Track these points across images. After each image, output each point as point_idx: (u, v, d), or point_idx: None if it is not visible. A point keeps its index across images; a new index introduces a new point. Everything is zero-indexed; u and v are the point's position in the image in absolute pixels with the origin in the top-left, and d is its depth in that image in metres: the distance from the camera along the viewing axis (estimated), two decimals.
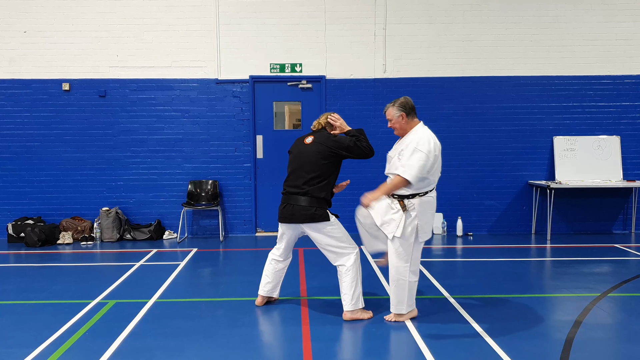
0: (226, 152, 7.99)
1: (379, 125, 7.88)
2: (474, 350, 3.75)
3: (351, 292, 4.25)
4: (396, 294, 4.22)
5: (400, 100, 4.20)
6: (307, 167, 4.27)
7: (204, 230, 8.08)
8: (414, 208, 4.07)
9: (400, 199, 4.10)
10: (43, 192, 7.90)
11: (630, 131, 7.99)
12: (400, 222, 4.08)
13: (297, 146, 4.46)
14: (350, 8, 7.82)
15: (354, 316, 4.28)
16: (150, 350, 3.76)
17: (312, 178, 4.24)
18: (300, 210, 4.22)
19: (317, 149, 4.29)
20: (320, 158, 4.26)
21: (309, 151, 4.31)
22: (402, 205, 4.08)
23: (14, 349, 3.78)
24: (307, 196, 4.22)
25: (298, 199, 4.24)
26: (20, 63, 7.76)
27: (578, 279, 5.54)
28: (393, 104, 4.21)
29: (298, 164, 4.33)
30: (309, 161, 4.28)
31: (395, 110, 4.17)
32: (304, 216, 4.22)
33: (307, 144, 4.37)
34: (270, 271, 4.62)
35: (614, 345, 3.87)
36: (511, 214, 8.08)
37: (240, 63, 7.86)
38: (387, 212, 4.16)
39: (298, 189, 4.26)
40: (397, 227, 4.08)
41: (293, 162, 4.40)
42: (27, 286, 5.37)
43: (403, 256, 4.14)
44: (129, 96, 7.87)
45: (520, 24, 7.86)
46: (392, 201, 4.14)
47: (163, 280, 5.54)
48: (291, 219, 4.28)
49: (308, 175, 4.25)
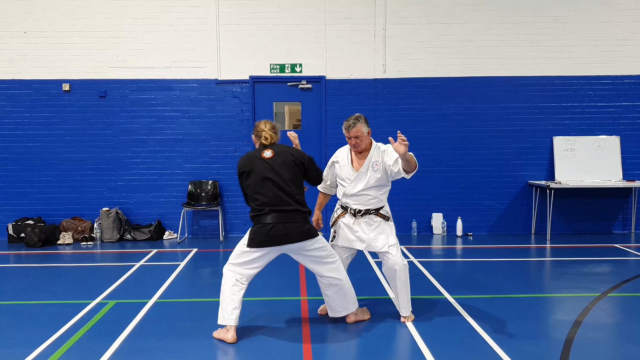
0: (226, 152, 7.99)
1: (378, 125, 7.89)
2: (474, 350, 3.76)
3: (354, 299, 4.21)
4: (407, 293, 4.31)
5: (363, 117, 4.19)
6: (284, 181, 3.85)
7: (204, 230, 8.09)
8: (388, 214, 4.29)
9: (376, 212, 4.23)
10: (43, 192, 7.90)
11: (630, 131, 7.99)
12: (389, 231, 4.22)
13: (254, 163, 3.91)
14: (350, 8, 7.82)
15: (357, 318, 4.28)
16: (150, 350, 3.77)
17: (294, 191, 3.89)
18: (293, 228, 3.82)
19: (288, 159, 3.91)
20: (294, 167, 3.91)
21: (280, 164, 3.89)
22: (383, 216, 4.24)
23: (14, 349, 3.79)
24: (297, 211, 3.86)
25: (288, 216, 3.83)
26: (20, 63, 7.76)
27: (578, 279, 5.54)
28: (357, 120, 4.14)
29: (272, 180, 3.84)
30: (284, 174, 3.87)
31: (364, 126, 4.14)
32: (301, 234, 3.84)
33: (270, 158, 3.90)
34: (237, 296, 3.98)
35: (613, 345, 3.87)
36: (511, 214, 8.08)
37: (240, 63, 7.87)
38: (366, 230, 4.22)
39: (286, 205, 3.83)
40: (389, 236, 4.20)
41: (262, 180, 3.86)
42: (27, 286, 5.38)
43: (401, 257, 4.23)
44: (129, 96, 7.88)
45: (520, 24, 7.86)
46: (368, 218, 4.21)
47: (163, 281, 5.54)
48: (285, 239, 3.81)
49: (289, 189, 3.85)
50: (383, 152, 4.21)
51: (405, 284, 4.25)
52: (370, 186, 4.18)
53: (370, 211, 4.21)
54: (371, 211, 4.21)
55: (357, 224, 4.23)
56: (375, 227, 4.21)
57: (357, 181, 4.20)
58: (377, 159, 4.18)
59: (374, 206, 4.22)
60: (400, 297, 4.28)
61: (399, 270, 4.18)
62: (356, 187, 4.20)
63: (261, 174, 3.86)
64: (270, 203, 3.83)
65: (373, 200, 4.21)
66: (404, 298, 4.28)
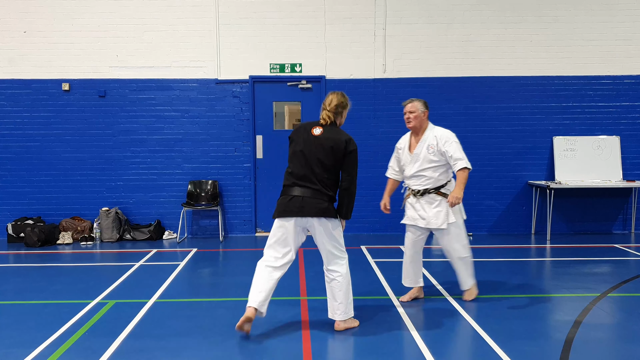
0: (226, 152, 7.99)
1: (378, 125, 7.89)
2: (474, 350, 3.75)
3: (346, 301, 4.06)
4: (465, 271, 4.71)
5: (424, 100, 4.60)
6: (316, 161, 3.92)
7: (203, 230, 8.08)
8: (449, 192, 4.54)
9: (436, 191, 4.53)
10: (43, 192, 7.90)
11: (630, 131, 7.99)
12: (447, 210, 4.51)
13: (301, 134, 4.04)
14: (350, 8, 7.82)
15: (346, 325, 4.11)
16: (150, 351, 3.76)
17: (323, 174, 3.93)
18: (311, 202, 3.88)
19: (329, 144, 3.93)
20: (331, 153, 3.92)
21: (320, 144, 3.94)
22: (443, 194, 4.52)
23: (14, 349, 3.78)
24: (319, 190, 3.91)
25: (309, 192, 3.90)
26: (20, 63, 7.75)
27: (578, 279, 5.54)
28: (417, 99, 4.58)
29: (306, 156, 3.94)
30: (319, 155, 3.92)
31: (422, 105, 4.53)
32: (317, 209, 3.88)
33: (316, 136, 3.97)
34: (266, 279, 4.01)
35: (613, 346, 3.87)
36: (511, 214, 8.08)
37: (240, 63, 7.86)
38: (427, 209, 4.54)
39: (309, 183, 3.91)
40: (448, 215, 4.51)
41: (300, 152, 3.98)
42: (27, 286, 5.37)
43: (460, 237, 4.61)
44: (129, 96, 7.87)
45: (520, 24, 7.86)
46: (428, 197, 4.53)
47: (163, 281, 5.54)
48: (300, 212, 3.88)
49: (318, 170, 3.92)
50: (440, 137, 4.50)
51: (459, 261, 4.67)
52: (425, 167, 4.52)
53: (430, 190, 4.54)
54: (430, 190, 4.53)
55: (419, 203, 4.57)
56: (435, 205, 4.53)
57: (413, 163, 4.57)
58: (432, 142, 4.50)
59: (432, 185, 4.53)
60: (458, 272, 4.74)
61: (451, 252, 4.63)
62: (413, 169, 4.57)
63: (300, 146, 4.00)
64: (297, 176, 3.96)
65: (429, 180, 4.53)
66: (462, 273, 4.72)
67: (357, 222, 8.00)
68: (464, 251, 4.65)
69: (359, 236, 7.87)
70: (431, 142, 4.49)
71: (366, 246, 7.12)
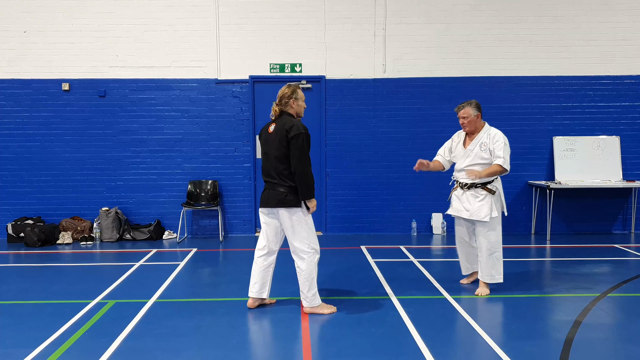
0: (226, 152, 7.99)
1: (378, 125, 7.89)
2: (474, 350, 3.75)
3: (309, 294, 4.42)
4: (493, 266, 4.93)
5: (475, 102, 4.90)
6: (273, 157, 4.34)
7: (203, 230, 8.08)
8: (496, 189, 4.83)
9: (483, 186, 4.80)
10: (43, 192, 7.90)
11: (630, 131, 7.99)
12: (491, 204, 4.78)
13: (262, 136, 4.51)
14: (350, 8, 7.82)
15: (313, 310, 4.45)
16: (150, 351, 3.76)
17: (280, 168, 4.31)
18: (272, 194, 4.36)
19: (278, 137, 4.31)
20: (281, 146, 4.29)
21: (272, 140, 4.35)
22: (489, 190, 4.80)
23: (14, 349, 3.78)
24: (277, 183, 4.34)
25: (270, 185, 4.41)
26: (20, 63, 7.75)
27: (578, 279, 5.54)
28: (469, 104, 4.87)
29: (267, 154, 4.40)
30: (274, 151, 4.33)
31: (473, 109, 4.84)
32: (276, 200, 4.33)
33: (270, 133, 4.40)
34: (257, 270, 4.56)
35: (613, 346, 3.87)
36: (511, 214, 8.07)
37: (240, 63, 7.86)
38: (472, 202, 4.83)
39: (270, 177, 4.39)
40: (491, 210, 4.78)
41: (264, 153, 4.47)
42: (26, 286, 5.37)
43: (498, 232, 4.89)
44: (129, 96, 7.87)
45: (520, 24, 7.86)
46: (474, 191, 4.82)
47: (163, 280, 5.54)
48: (266, 203, 4.40)
49: (274, 165, 4.34)
50: (493, 136, 4.82)
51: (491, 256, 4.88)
52: (475, 163, 4.83)
53: (476, 185, 4.82)
54: (477, 185, 4.82)
55: (465, 195, 4.89)
56: (480, 199, 4.81)
57: (465, 157, 4.89)
58: (485, 141, 4.83)
59: (479, 180, 4.81)
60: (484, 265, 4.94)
61: (486, 243, 4.86)
62: (464, 163, 4.89)
63: (262, 148, 4.50)
64: (264, 173, 4.48)
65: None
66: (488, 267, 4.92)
67: (357, 222, 8.00)
68: (499, 247, 4.92)
69: (359, 236, 7.87)
70: (484, 140, 4.83)
71: (366, 246, 7.12)
